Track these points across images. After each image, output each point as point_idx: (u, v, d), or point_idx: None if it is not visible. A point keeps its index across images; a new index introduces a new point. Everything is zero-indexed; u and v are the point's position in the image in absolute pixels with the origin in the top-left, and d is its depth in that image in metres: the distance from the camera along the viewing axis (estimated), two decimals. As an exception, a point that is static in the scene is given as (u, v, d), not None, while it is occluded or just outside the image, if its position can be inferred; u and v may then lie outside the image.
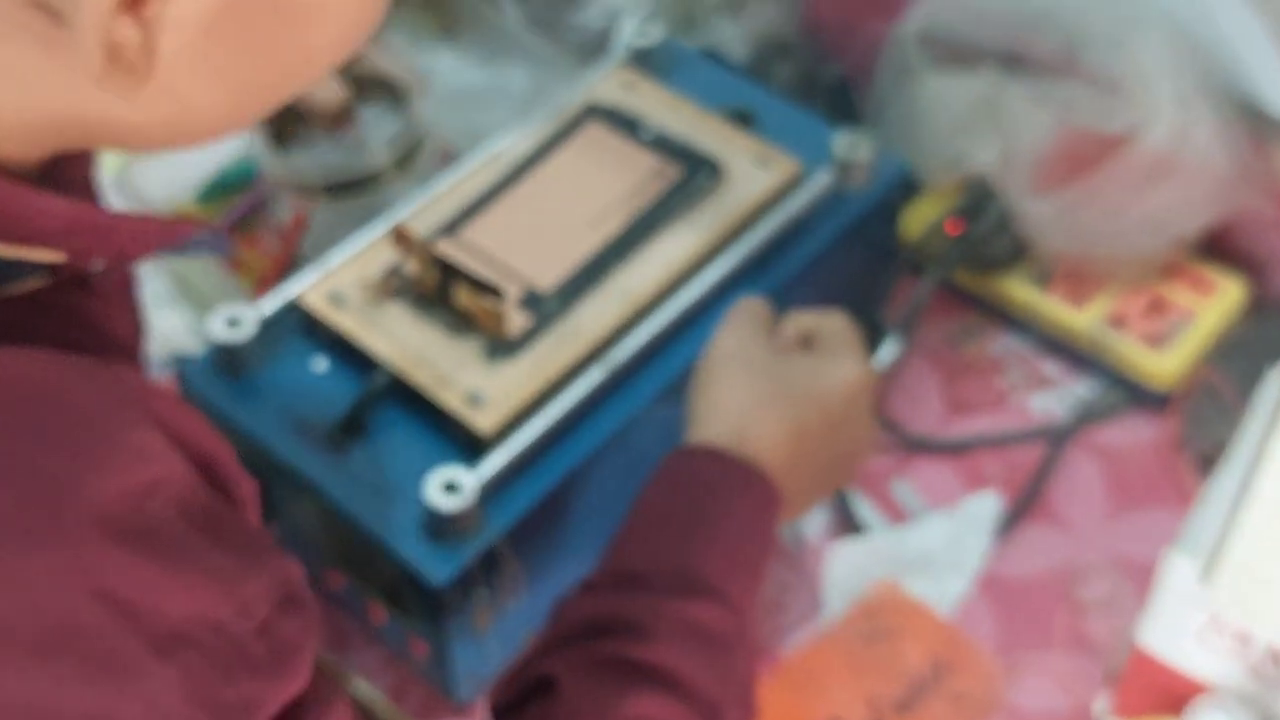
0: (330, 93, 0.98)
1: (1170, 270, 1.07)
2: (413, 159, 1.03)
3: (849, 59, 1.24)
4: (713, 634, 0.71)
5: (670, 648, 0.69)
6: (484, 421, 0.83)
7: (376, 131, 1.01)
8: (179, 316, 1.08)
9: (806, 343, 0.84)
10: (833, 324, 0.84)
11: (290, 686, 0.53)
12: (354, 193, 1.02)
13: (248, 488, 0.57)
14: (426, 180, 0.98)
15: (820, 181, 0.95)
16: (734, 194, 0.94)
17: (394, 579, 0.84)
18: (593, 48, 1.24)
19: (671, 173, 0.95)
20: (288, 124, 1.02)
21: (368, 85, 1.03)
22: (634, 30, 1.06)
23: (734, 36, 1.20)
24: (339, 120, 0.99)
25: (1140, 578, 0.95)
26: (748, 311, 0.84)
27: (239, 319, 0.88)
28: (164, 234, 0.57)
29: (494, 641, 0.86)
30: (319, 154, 1.02)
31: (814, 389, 0.80)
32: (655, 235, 0.92)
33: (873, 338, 1.04)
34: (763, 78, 1.19)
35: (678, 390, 0.89)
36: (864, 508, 1.00)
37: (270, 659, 0.51)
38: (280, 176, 1.03)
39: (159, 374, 1.06)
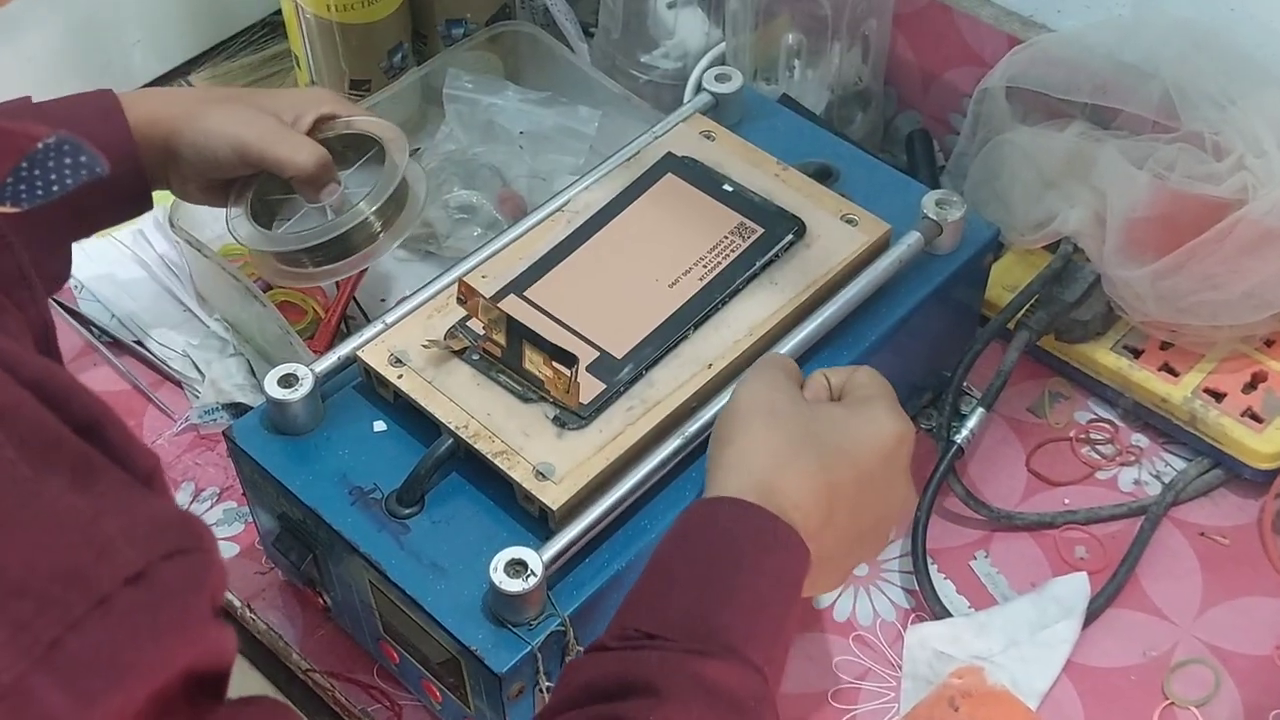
0: (309, 154, 0.92)
1: (1272, 342, 1.01)
2: (395, 216, 0.96)
3: (928, 110, 1.19)
4: (731, 696, 0.65)
5: (683, 711, 0.64)
6: (553, 497, 0.78)
7: (359, 191, 0.96)
8: (231, 365, 1.04)
9: (837, 396, 0.79)
10: (864, 376, 0.79)
11: (182, 645, 0.48)
12: (337, 255, 0.95)
13: (148, 461, 0.52)
14: (403, 237, 0.97)
15: (911, 243, 0.90)
16: (820, 255, 0.89)
17: (451, 660, 0.79)
18: (664, 89, 1.20)
19: (753, 230, 0.90)
20: (266, 199, 0.97)
21: (348, 145, 0.98)
22: (711, 76, 1.01)
23: (811, 84, 1.16)
24: (321, 183, 0.94)
25: (1239, 672, 0.90)
26: (774, 364, 0.79)
27: (295, 377, 0.83)
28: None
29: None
30: (300, 224, 0.96)
31: (846, 442, 0.74)
32: (735, 297, 0.87)
33: (954, 406, 0.99)
34: (839, 126, 1.14)
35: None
36: (945, 586, 0.94)
37: (145, 610, 0.47)
38: (265, 247, 0.96)
39: (208, 421, 1.02)
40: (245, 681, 0.94)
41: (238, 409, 1.03)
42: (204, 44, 1.28)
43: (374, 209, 0.94)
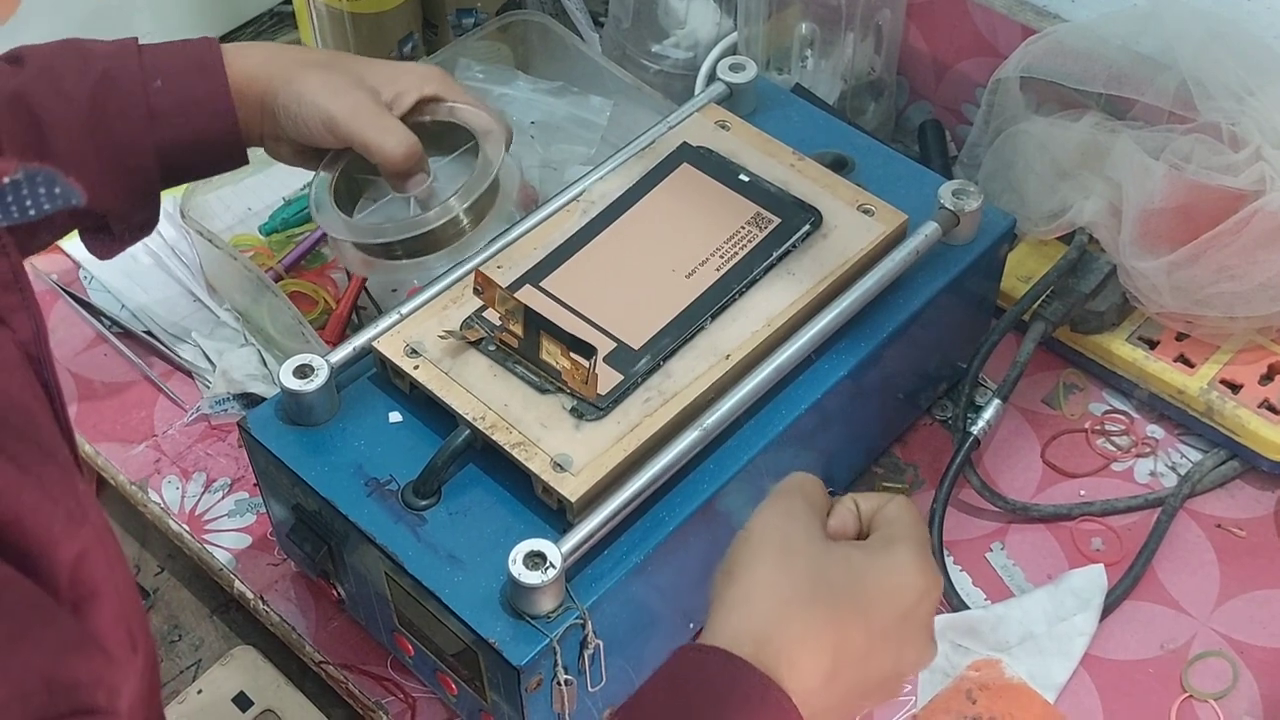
0: (399, 142, 0.88)
1: (1288, 333, 1.01)
2: (485, 213, 0.91)
3: (940, 100, 1.19)
4: None
5: None
6: (572, 489, 0.77)
7: (449, 185, 0.90)
8: (242, 355, 1.03)
9: (864, 530, 0.71)
10: (895, 510, 0.70)
11: None
12: (421, 251, 0.90)
13: (70, 550, 0.48)
14: (501, 229, 0.91)
15: (928, 233, 0.90)
16: (837, 245, 0.89)
17: (468, 652, 0.78)
18: (675, 79, 1.20)
19: (770, 220, 0.90)
20: (355, 175, 0.93)
21: (443, 134, 0.93)
22: (725, 66, 1.01)
23: (824, 74, 1.15)
24: (408, 173, 0.89)
25: (1257, 665, 0.89)
26: (799, 488, 0.71)
27: (310, 368, 0.83)
28: None
29: (573, 721, 0.81)
30: (385, 210, 0.92)
31: (861, 593, 0.66)
32: (752, 288, 0.87)
33: (970, 397, 0.99)
34: (852, 116, 1.14)
35: (774, 454, 0.84)
36: (961, 579, 0.94)
37: None
38: (343, 235, 0.91)
39: (219, 411, 1.02)
40: (259, 675, 0.93)
41: (249, 399, 1.03)
42: (213, 33, 1.26)
43: (464, 207, 0.89)
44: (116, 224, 0.89)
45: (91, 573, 0.49)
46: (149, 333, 1.07)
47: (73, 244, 1.13)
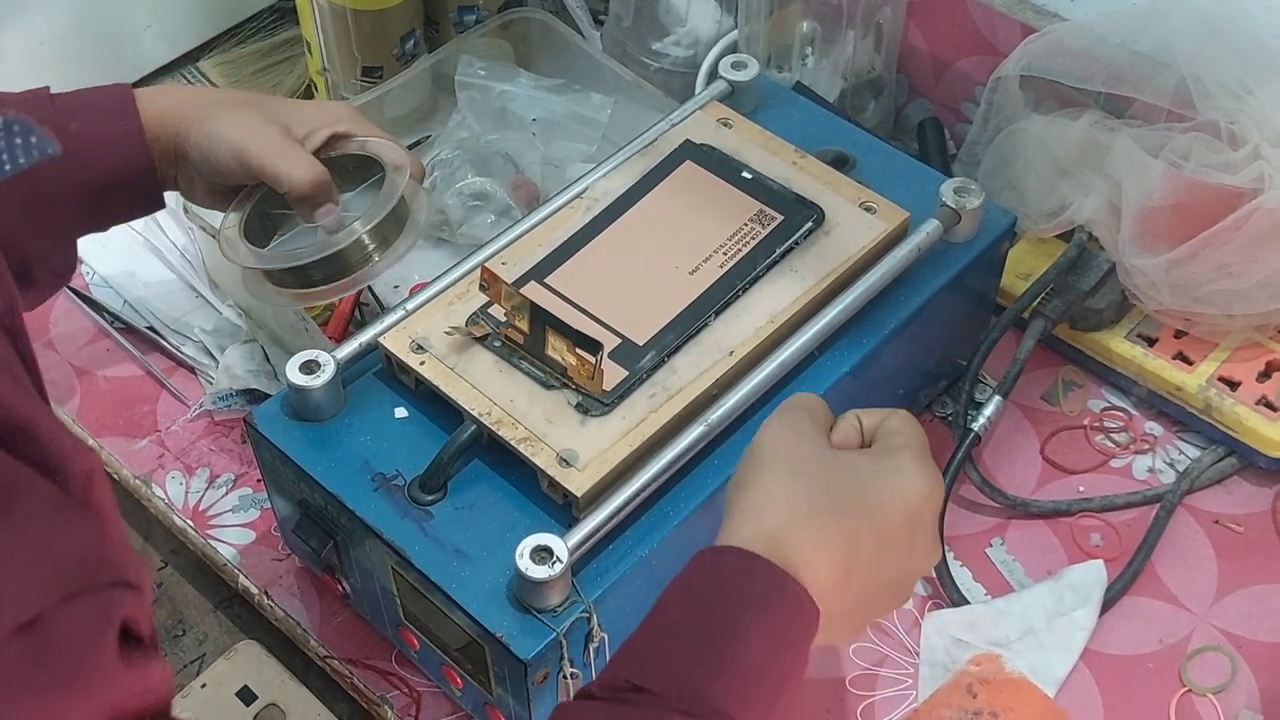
0: (305, 171, 0.89)
1: (1286, 331, 1.02)
2: (391, 239, 0.91)
3: (939, 98, 1.19)
4: None
5: None
6: (578, 484, 0.78)
7: (356, 214, 0.91)
8: (245, 351, 1.04)
9: (868, 440, 0.74)
10: (896, 422, 0.73)
11: (78, 694, 0.45)
12: (334, 276, 0.91)
13: (82, 464, 0.50)
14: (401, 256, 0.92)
15: (930, 230, 0.90)
16: (839, 242, 0.89)
17: (474, 646, 0.79)
18: (675, 77, 1.20)
19: (772, 217, 0.90)
20: (268, 212, 0.93)
21: (359, 166, 0.94)
22: (727, 64, 1.01)
23: (824, 72, 1.16)
24: (316, 202, 0.90)
25: (1255, 659, 0.90)
26: (804, 404, 0.74)
27: (317, 363, 0.83)
28: None
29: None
30: (297, 240, 0.93)
31: (869, 497, 0.69)
32: (755, 285, 0.87)
33: (970, 394, 0.99)
34: (851, 115, 1.15)
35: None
36: (962, 574, 0.95)
37: (35, 659, 0.44)
38: (252, 264, 0.92)
39: (222, 407, 1.02)
40: (263, 670, 0.94)
41: (252, 395, 1.03)
42: (214, 29, 1.28)
43: (366, 230, 0.90)
44: (36, 267, 0.88)
45: (102, 495, 0.51)
46: (151, 328, 1.08)
47: (75, 240, 1.13)
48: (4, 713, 0.43)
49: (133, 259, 1.12)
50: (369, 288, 1.08)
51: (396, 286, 1.09)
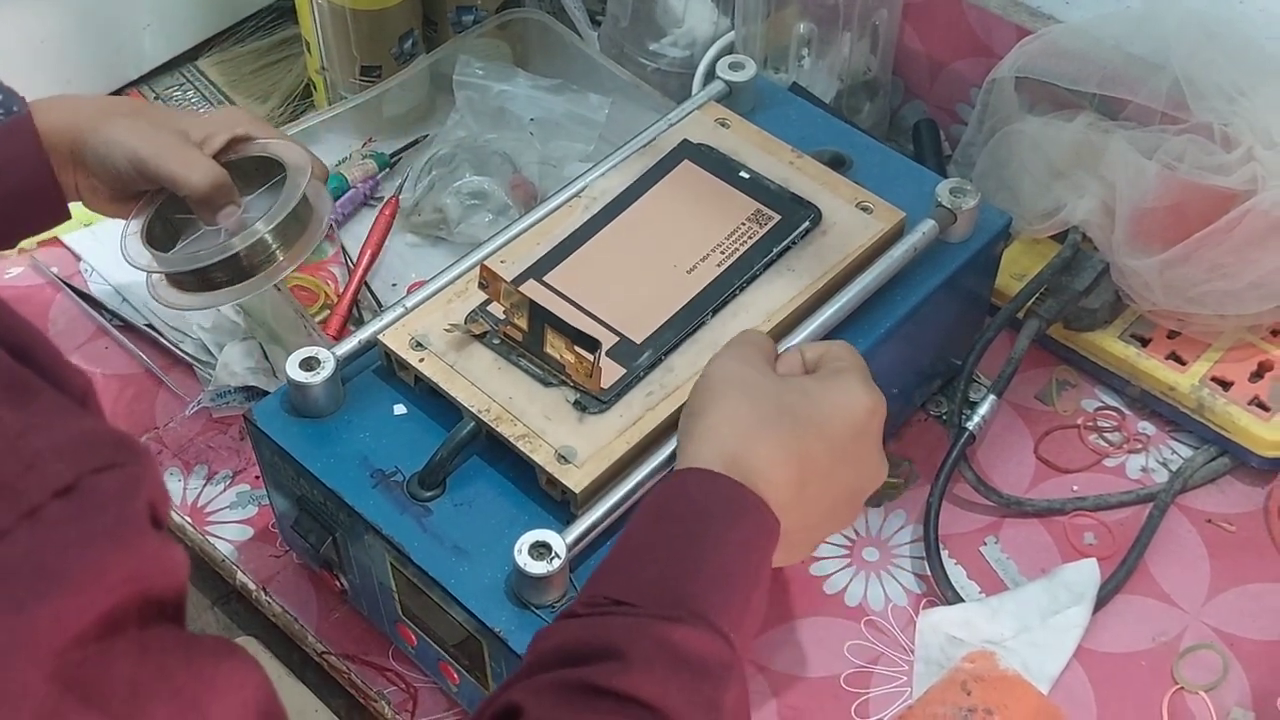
0: (204, 174, 0.89)
1: (1278, 332, 1.02)
2: (294, 239, 0.92)
3: (934, 100, 1.20)
4: (697, 661, 0.65)
5: (648, 675, 0.63)
6: (576, 480, 0.78)
7: (258, 215, 0.91)
8: (243, 348, 1.04)
9: (811, 370, 0.79)
10: (837, 349, 0.79)
11: (115, 554, 0.48)
12: (238, 277, 0.91)
13: (81, 381, 0.52)
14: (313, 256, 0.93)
15: (926, 230, 0.91)
16: (836, 241, 0.90)
17: (472, 641, 0.79)
18: (671, 78, 1.21)
19: (770, 217, 0.91)
20: (170, 217, 0.93)
21: (259, 169, 0.94)
22: (724, 65, 1.02)
23: (820, 73, 1.16)
24: (217, 204, 0.90)
25: (1247, 657, 0.91)
26: (748, 340, 0.79)
27: (316, 360, 0.84)
28: None
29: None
30: (199, 243, 0.92)
31: (817, 414, 0.74)
32: (753, 283, 0.88)
33: (965, 393, 1.00)
34: (847, 115, 1.15)
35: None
36: (956, 572, 0.95)
37: (75, 521, 0.47)
38: (155, 268, 0.92)
39: (220, 404, 1.03)
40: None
41: (250, 392, 1.03)
42: (213, 28, 1.28)
43: (268, 230, 0.90)
44: None
45: (97, 409, 0.53)
46: (150, 325, 1.08)
47: (73, 237, 1.13)
48: (50, 566, 0.46)
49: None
50: (366, 285, 1.08)
51: (395, 285, 1.10)
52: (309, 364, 0.84)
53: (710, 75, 1.15)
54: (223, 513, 0.99)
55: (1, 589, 0.45)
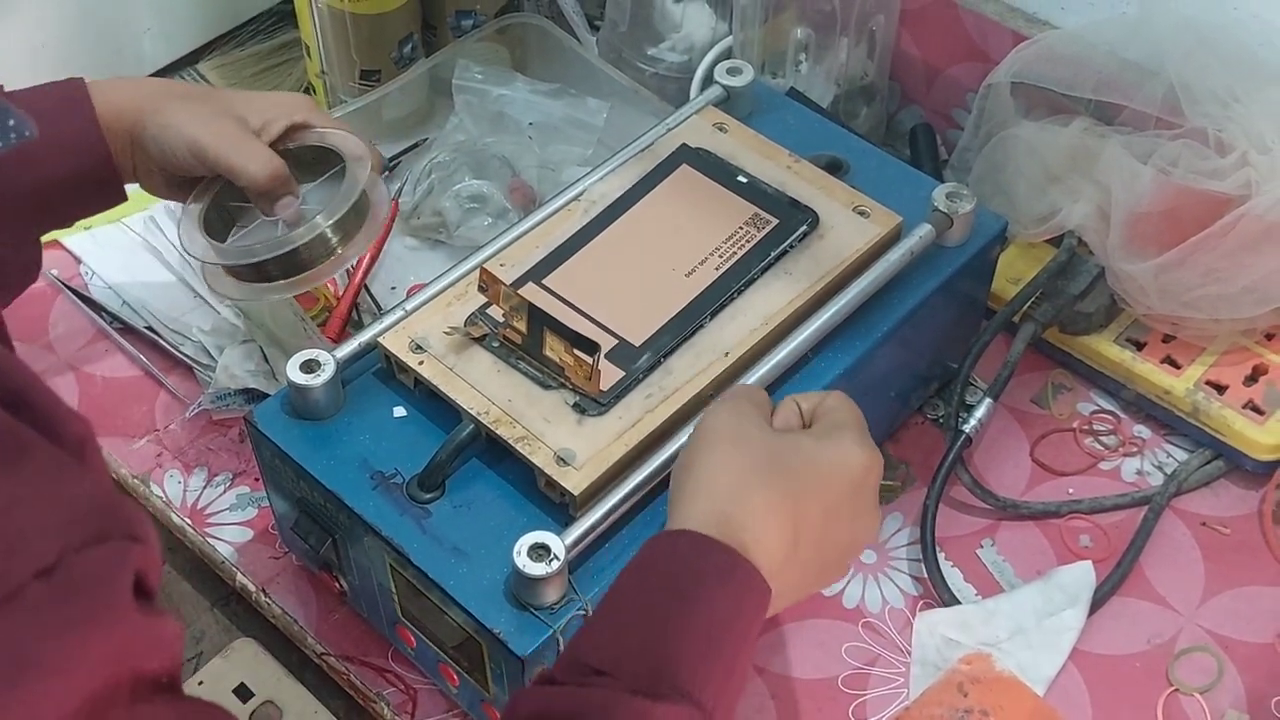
0: (263, 164, 0.88)
1: (1272, 336, 1.03)
2: (353, 232, 0.91)
3: (930, 105, 1.21)
4: None
5: None
6: (575, 483, 0.79)
7: (319, 207, 0.91)
8: (243, 351, 1.04)
9: (808, 422, 0.77)
10: (834, 402, 0.76)
11: (96, 637, 0.47)
12: (294, 270, 0.91)
13: (77, 428, 0.51)
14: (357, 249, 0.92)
15: (922, 235, 0.91)
16: (833, 246, 0.91)
17: (471, 643, 0.80)
18: (669, 82, 1.21)
19: (767, 221, 0.91)
20: (226, 205, 0.93)
21: (318, 158, 0.94)
22: (722, 70, 1.02)
23: (817, 79, 1.17)
24: (274, 195, 0.90)
25: (1241, 660, 0.91)
26: (742, 394, 0.77)
27: (317, 362, 0.84)
28: None
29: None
30: (256, 234, 0.92)
31: (812, 471, 0.71)
32: (750, 287, 0.88)
33: (961, 396, 1.00)
34: (844, 120, 1.16)
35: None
36: (953, 574, 0.96)
37: (58, 603, 0.46)
38: (212, 260, 0.92)
39: (220, 406, 1.03)
40: (260, 667, 0.94)
41: (250, 395, 1.04)
42: (214, 32, 1.29)
43: (329, 224, 0.90)
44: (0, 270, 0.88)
45: (95, 458, 0.52)
46: (150, 328, 1.08)
47: (73, 239, 1.14)
48: (27, 652, 0.45)
49: (131, 259, 1.13)
50: (365, 288, 1.09)
51: (394, 288, 1.10)
52: (309, 366, 0.84)
53: (708, 80, 1.16)
54: (222, 515, 0.99)
55: None
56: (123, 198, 0.93)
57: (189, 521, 0.99)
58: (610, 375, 0.83)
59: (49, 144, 0.86)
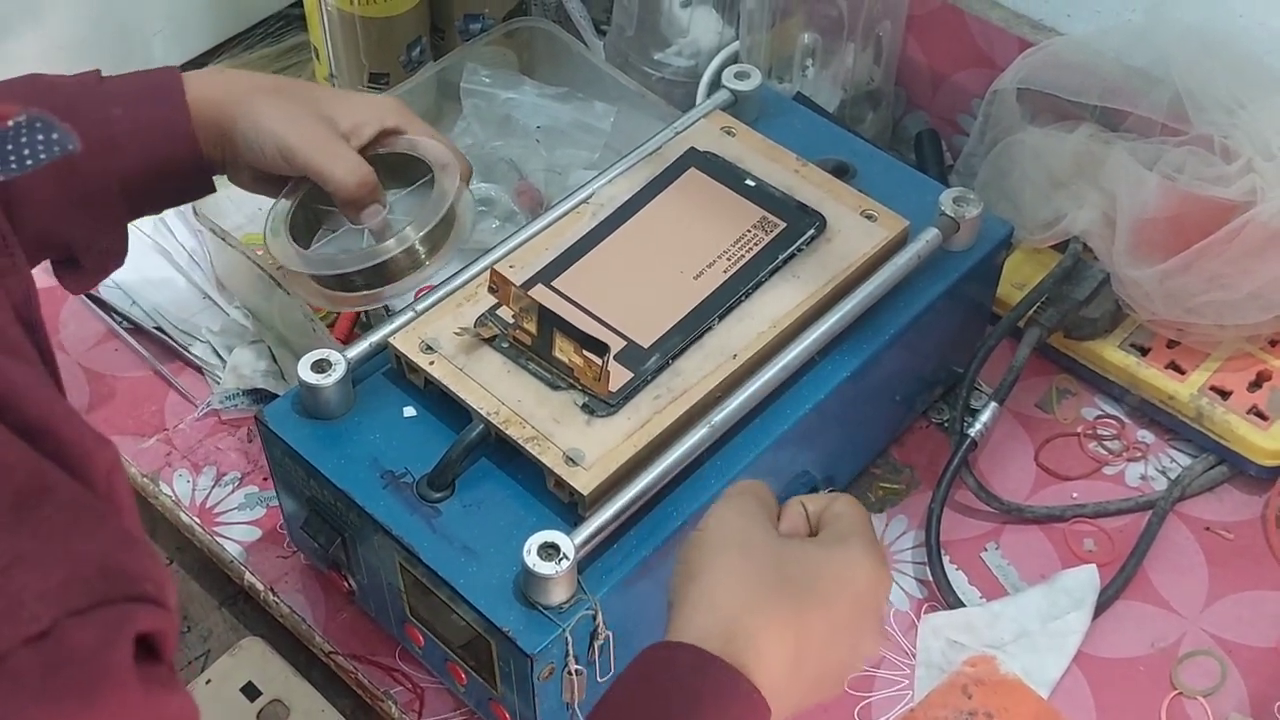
0: (351, 171, 0.87)
1: (1276, 342, 1.04)
2: (440, 245, 0.90)
3: (936, 110, 1.21)
4: None
5: None
6: (584, 483, 0.79)
7: (405, 217, 0.90)
8: (252, 351, 1.05)
9: (814, 529, 0.74)
10: (842, 507, 0.73)
11: (84, 712, 0.44)
12: (378, 282, 0.90)
13: (103, 458, 0.50)
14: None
15: (929, 239, 0.92)
16: (840, 249, 0.91)
17: (480, 642, 0.80)
18: (676, 87, 1.22)
19: (775, 224, 0.92)
20: (312, 206, 0.92)
21: (402, 167, 0.92)
22: (730, 74, 1.03)
23: (824, 83, 1.17)
24: (362, 203, 0.89)
25: (1244, 664, 0.92)
26: (750, 489, 0.73)
27: (328, 362, 0.85)
28: None
29: (581, 713, 0.83)
30: (341, 241, 0.91)
31: (820, 586, 0.69)
32: (758, 290, 0.89)
33: (967, 400, 1.01)
34: (850, 125, 1.16)
35: (778, 452, 0.86)
36: (957, 577, 0.96)
37: (44, 674, 0.43)
38: (297, 267, 0.90)
39: (229, 406, 1.03)
40: (268, 666, 0.95)
41: (259, 395, 1.04)
42: (223, 35, 1.29)
43: (418, 237, 0.88)
44: (84, 256, 0.87)
45: (122, 489, 0.51)
46: (159, 329, 1.09)
47: (83, 241, 1.14)
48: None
49: (141, 260, 1.13)
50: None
51: (401, 291, 1.11)
52: (320, 366, 0.84)
53: (715, 85, 1.16)
54: (231, 514, 1.00)
55: None
56: (211, 189, 0.91)
57: (197, 520, 0.99)
58: (619, 376, 0.84)
59: (139, 130, 0.84)
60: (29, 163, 0.51)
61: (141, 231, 1.14)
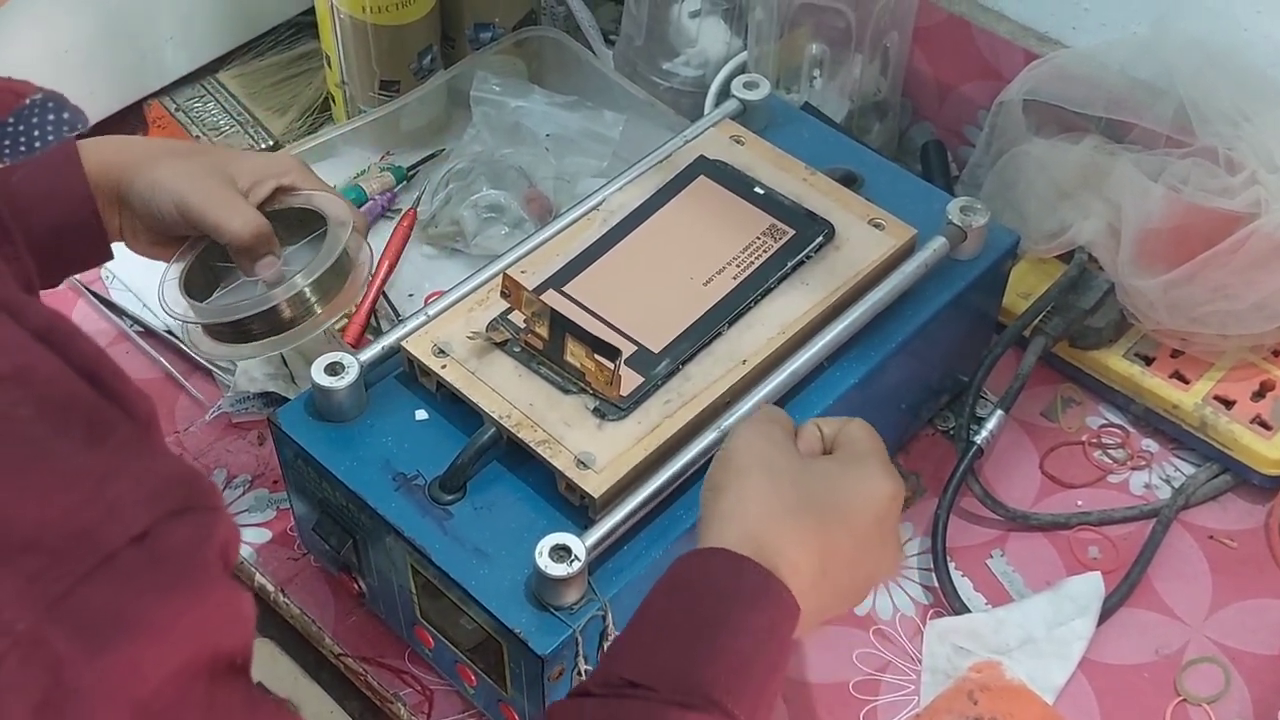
0: (245, 222, 0.89)
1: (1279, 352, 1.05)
2: (333, 293, 0.91)
3: (942, 121, 1.22)
4: None
5: None
6: (595, 486, 0.80)
7: (298, 267, 0.91)
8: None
9: (829, 448, 0.78)
10: (856, 430, 0.77)
11: (188, 601, 0.49)
12: (274, 330, 0.91)
13: (146, 405, 0.54)
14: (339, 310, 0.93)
15: (936, 247, 0.93)
16: (849, 257, 0.92)
17: (490, 643, 0.81)
18: (684, 96, 1.23)
19: (784, 232, 0.93)
20: (211, 265, 0.93)
21: (300, 223, 0.94)
22: (739, 84, 1.04)
23: (831, 94, 1.18)
24: (257, 253, 0.90)
25: (1248, 671, 0.92)
26: (769, 416, 0.78)
27: (341, 365, 0.85)
28: None
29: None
30: (238, 293, 0.92)
31: (841, 500, 0.73)
32: (767, 296, 0.90)
33: (973, 409, 1.02)
34: (858, 135, 1.17)
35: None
36: (963, 584, 0.97)
37: (151, 568, 0.48)
38: (191, 319, 0.92)
39: (239, 409, 1.04)
40: (277, 667, 0.95)
41: (269, 398, 1.05)
42: (235, 41, 1.30)
43: (307, 283, 0.90)
44: None
45: (160, 437, 0.55)
46: (170, 331, 1.10)
47: (95, 245, 1.15)
48: (123, 615, 0.47)
49: (151, 263, 1.13)
50: (384, 295, 1.10)
51: (411, 295, 1.12)
52: (334, 369, 0.85)
53: (723, 94, 1.17)
54: (241, 516, 1.00)
55: (81, 633, 0.46)
56: (109, 256, 0.93)
57: (208, 523, 0.99)
58: (630, 381, 0.84)
59: (37, 197, 0.87)
60: (38, 144, 0.53)
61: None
